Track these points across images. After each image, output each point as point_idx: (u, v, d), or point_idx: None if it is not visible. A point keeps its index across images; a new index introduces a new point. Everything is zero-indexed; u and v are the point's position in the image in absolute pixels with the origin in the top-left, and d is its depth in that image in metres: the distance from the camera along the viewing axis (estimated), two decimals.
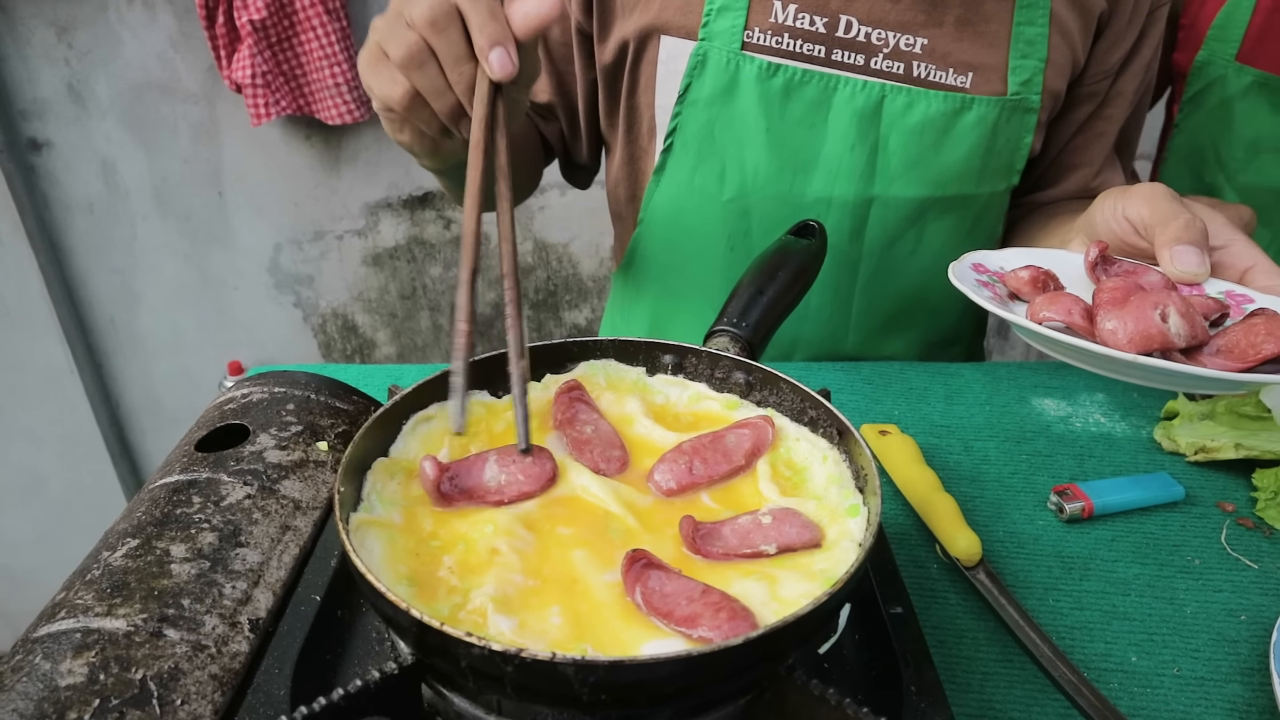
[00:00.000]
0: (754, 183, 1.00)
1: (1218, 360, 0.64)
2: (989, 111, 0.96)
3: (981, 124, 0.97)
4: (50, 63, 2.06)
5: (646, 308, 1.18)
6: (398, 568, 0.52)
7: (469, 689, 0.49)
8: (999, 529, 0.81)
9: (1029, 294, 0.75)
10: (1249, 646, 0.69)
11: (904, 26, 0.94)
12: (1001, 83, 0.96)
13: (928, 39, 0.94)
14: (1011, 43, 0.95)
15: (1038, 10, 0.94)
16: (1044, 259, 0.81)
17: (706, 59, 0.95)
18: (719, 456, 0.61)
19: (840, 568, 0.52)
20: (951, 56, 0.95)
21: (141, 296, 2.37)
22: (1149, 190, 0.77)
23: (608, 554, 0.54)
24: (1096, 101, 1.04)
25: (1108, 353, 0.62)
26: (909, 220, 1.03)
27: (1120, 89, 1.04)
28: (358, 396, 0.79)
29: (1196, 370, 0.60)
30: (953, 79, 0.95)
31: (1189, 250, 0.72)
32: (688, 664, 0.42)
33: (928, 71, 0.95)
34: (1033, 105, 0.98)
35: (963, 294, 0.72)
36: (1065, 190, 1.09)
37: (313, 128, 2.16)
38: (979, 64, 0.95)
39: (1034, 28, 0.94)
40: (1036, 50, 0.95)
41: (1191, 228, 0.73)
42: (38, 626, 0.54)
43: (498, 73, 0.62)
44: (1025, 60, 0.95)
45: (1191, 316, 0.63)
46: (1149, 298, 0.64)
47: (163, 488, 0.65)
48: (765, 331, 0.75)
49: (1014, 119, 0.98)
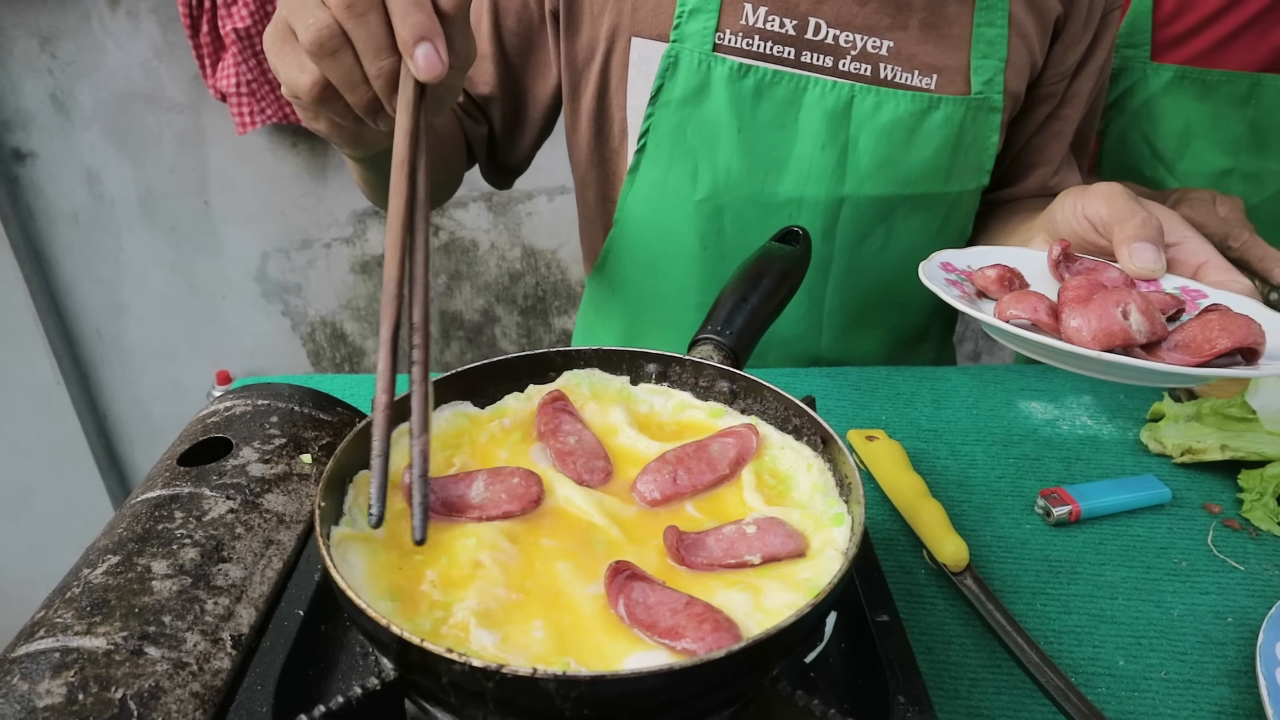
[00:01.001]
0: (726, 183, 1.01)
1: (1176, 355, 0.67)
2: (955, 111, 0.98)
3: (948, 123, 0.99)
4: (33, 73, 2.05)
5: (622, 308, 1.18)
6: (379, 582, 0.52)
7: (452, 705, 0.49)
8: (986, 533, 0.81)
9: (996, 292, 0.77)
10: (1235, 649, 0.69)
11: (871, 29, 0.96)
12: (965, 83, 0.98)
13: (893, 41, 0.96)
14: (973, 44, 0.97)
15: (997, 12, 0.97)
16: (1009, 257, 0.84)
17: (678, 60, 0.95)
18: (703, 466, 0.61)
19: (824, 577, 0.52)
20: (917, 58, 0.97)
21: (128, 307, 2.36)
22: (1107, 190, 0.80)
23: (591, 566, 0.53)
24: (1054, 102, 1.07)
25: (1073, 349, 0.64)
26: (879, 218, 1.04)
27: (1076, 90, 1.07)
28: (342, 408, 0.79)
29: (1157, 365, 0.63)
30: (918, 80, 0.97)
31: (1146, 247, 0.75)
32: (670, 678, 0.42)
33: (894, 73, 0.97)
34: (996, 104, 1.00)
35: (932, 291, 0.74)
36: (1025, 189, 1.12)
37: (299, 136, 2.15)
38: (943, 65, 0.97)
39: (994, 29, 0.97)
40: (997, 51, 0.98)
41: (1148, 225, 0.76)
42: (15, 646, 0.53)
43: (424, 72, 0.54)
44: (986, 60, 0.98)
45: (1151, 313, 0.66)
46: (1111, 295, 0.66)
47: (144, 503, 0.64)
48: (749, 339, 0.75)
49: (979, 118, 1.00)
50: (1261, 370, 0.64)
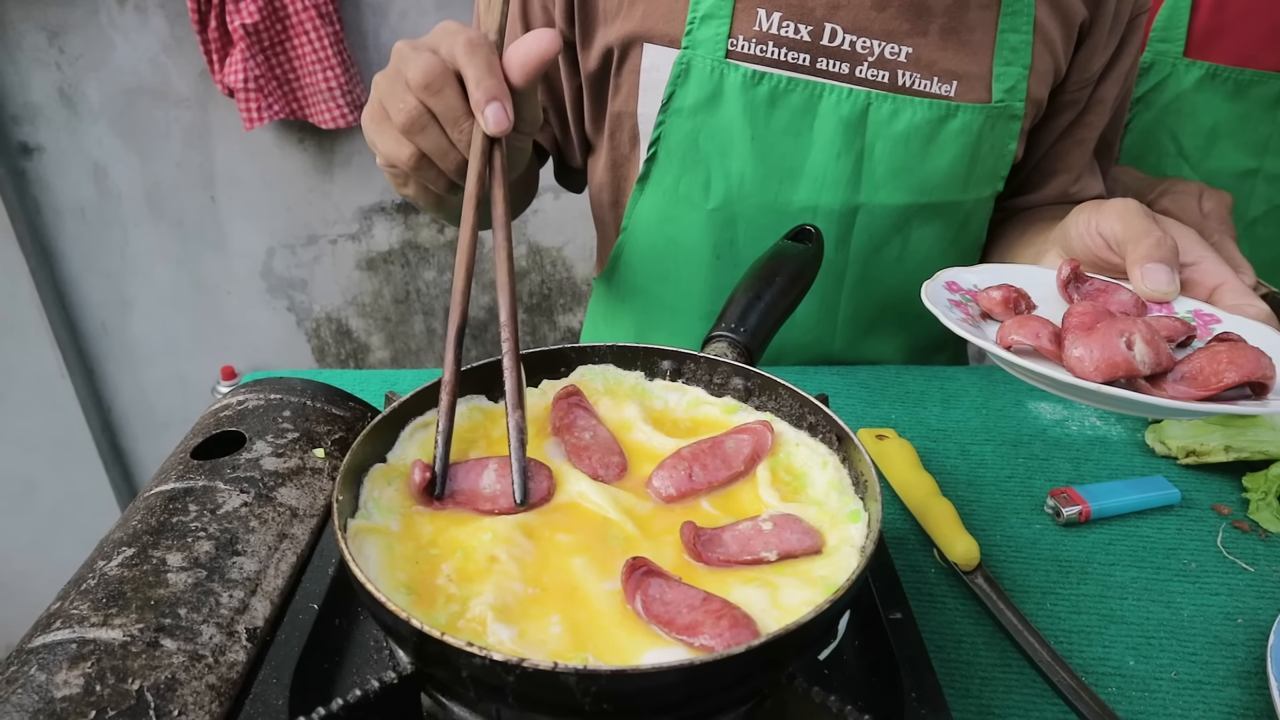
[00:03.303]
0: (739, 191, 1.00)
1: (1181, 387, 0.65)
2: (974, 119, 0.96)
3: (966, 131, 0.97)
4: (41, 67, 2.05)
5: (630, 315, 1.17)
6: (396, 575, 0.52)
7: (469, 698, 0.49)
8: (996, 533, 0.81)
9: (1001, 314, 0.75)
10: (1246, 650, 0.69)
11: (889, 35, 0.94)
12: (986, 91, 0.96)
13: (912, 48, 0.94)
14: (996, 50, 0.95)
15: (1022, 18, 0.94)
16: (1017, 276, 0.81)
17: (690, 67, 0.94)
18: (718, 462, 0.61)
19: (841, 574, 0.52)
20: (936, 65, 0.95)
21: (133, 301, 2.36)
22: (1122, 206, 0.78)
23: (607, 561, 0.54)
24: (1078, 109, 1.05)
25: (1074, 382, 0.62)
26: (895, 227, 1.03)
27: (1101, 96, 1.05)
28: (354, 403, 0.79)
29: (1160, 401, 0.62)
30: (937, 87, 0.96)
31: (1159, 269, 0.74)
32: (690, 673, 0.42)
33: (912, 80, 0.95)
34: (1017, 112, 0.98)
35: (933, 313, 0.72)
36: (1045, 196, 1.10)
37: (305, 132, 2.15)
38: (963, 72, 0.95)
39: (1018, 35, 0.95)
40: (1020, 58, 0.96)
41: (1162, 246, 0.74)
42: (33, 637, 0.54)
43: (493, 128, 0.62)
44: (1009, 68, 0.96)
45: (1156, 344, 0.64)
46: (1116, 325, 0.64)
47: (158, 496, 0.64)
48: (763, 337, 0.75)
49: (998, 126, 0.98)
50: (1270, 407, 0.62)
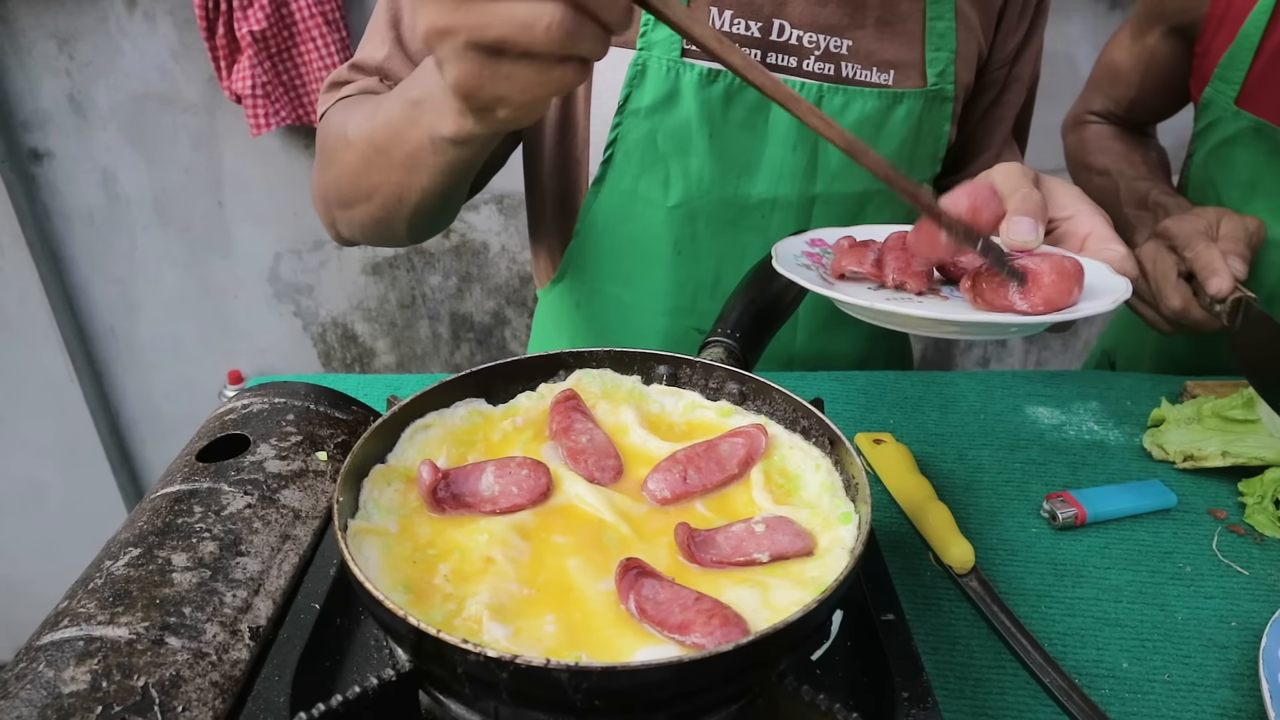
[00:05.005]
0: (699, 188, 1.02)
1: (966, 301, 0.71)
2: (915, 104, 1.01)
3: (910, 117, 1.01)
4: (51, 74, 2.07)
5: (586, 320, 1.17)
6: (394, 575, 0.53)
7: (465, 695, 0.50)
8: (992, 536, 0.82)
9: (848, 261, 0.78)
10: (1239, 652, 0.70)
11: (831, 29, 0.97)
12: (920, 77, 1.01)
13: (852, 40, 0.98)
14: (926, 37, 1.00)
15: (945, 5, 1.00)
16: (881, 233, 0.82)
17: (646, 68, 0.96)
18: (712, 465, 0.62)
19: (831, 575, 0.52)
20: (875, 55, 0.99)
21: (141, 306, 2.38)
22: (1004, 168, 0.81)
23: (602, 562, 0.54)
24: (996, 89, 1.11)
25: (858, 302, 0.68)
26: (851, 215, 1.06)
27: (1016, 75, 1.11)
28: (357, 407, 0.80)
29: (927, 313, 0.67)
30: (877, 77, 1.00)
31: (1023, 220, 0.76)
32: (680, 670, 0.43)
33: (854, 71, 0.99)
34: (949, 95, 1.03)
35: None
36: (969, 174, 1.13)
37: (312, 137, 2.17)
38: (899, 61, 1.00)
39: (943, 21, 1.00)
40: (947, 43, 1.01)
41: (1029, 200, 0.77)
42: (41, 634, 0.55)
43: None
44: (939, 53, 1.01)
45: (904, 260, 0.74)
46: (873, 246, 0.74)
47: (164, 497, 0.65)
48: (757, 342, 0.76)
49: (935, 109, 1.03)
50: (1081, 310, 0.66)
